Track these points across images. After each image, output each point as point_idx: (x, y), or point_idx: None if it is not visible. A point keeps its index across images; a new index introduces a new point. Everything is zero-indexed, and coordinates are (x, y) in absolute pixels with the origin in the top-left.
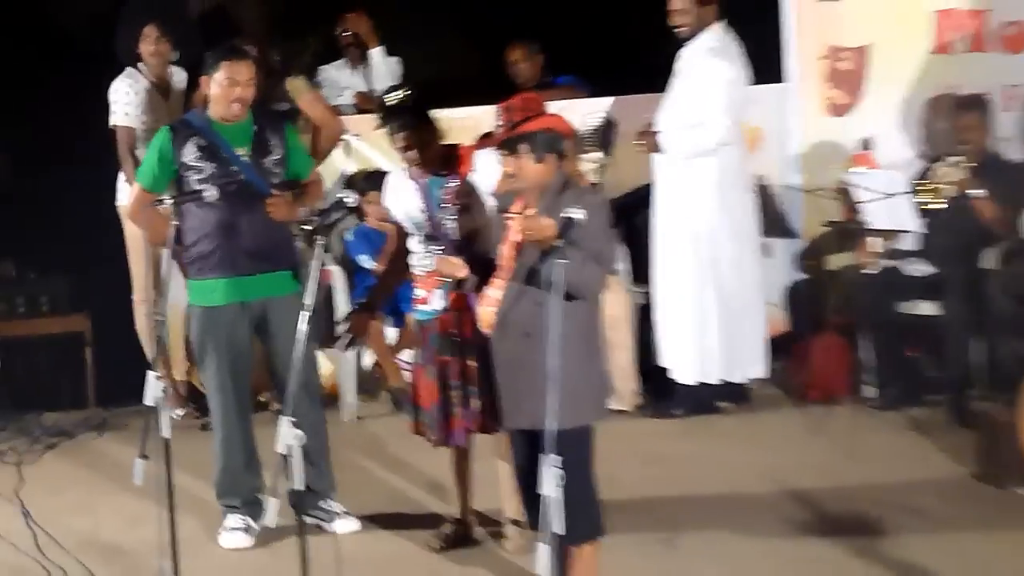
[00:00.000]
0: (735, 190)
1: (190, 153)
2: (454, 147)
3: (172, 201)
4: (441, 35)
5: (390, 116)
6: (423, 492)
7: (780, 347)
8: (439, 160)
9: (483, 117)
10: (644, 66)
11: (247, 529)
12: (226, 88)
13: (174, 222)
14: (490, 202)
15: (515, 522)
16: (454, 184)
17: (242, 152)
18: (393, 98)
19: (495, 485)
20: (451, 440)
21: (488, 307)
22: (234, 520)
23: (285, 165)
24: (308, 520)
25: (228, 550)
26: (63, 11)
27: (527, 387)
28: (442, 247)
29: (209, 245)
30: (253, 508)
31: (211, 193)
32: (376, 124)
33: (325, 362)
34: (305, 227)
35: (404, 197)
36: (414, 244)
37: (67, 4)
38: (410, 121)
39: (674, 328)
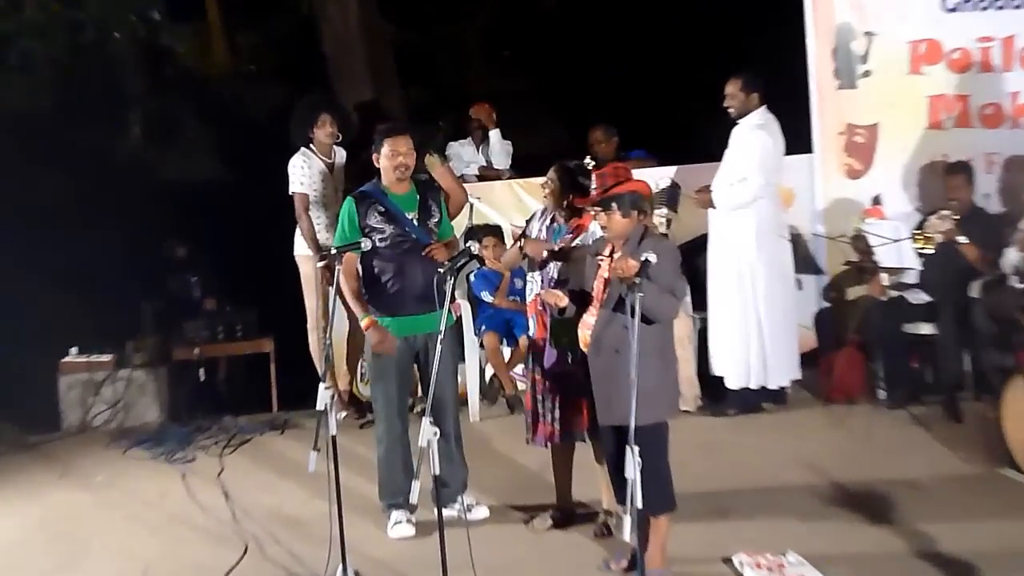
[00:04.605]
0: (770, 236)
1: (373, 218)
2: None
3: (335, 251)
4: (538, 122)
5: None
6: (533, 484)
7: (810, 359)
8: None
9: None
10: (704, 140)
11: (409, 521)
12: (391, 158)
13: (338, 266)
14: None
15: (608, 512)
16: (568, 236)
17: (412, 215)
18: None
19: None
20: (535, 441)
21: (585, 330)
22: (398, 515)
23: (439, 226)
24: (448, 513)
25: (396, 539)
26: (249, 106)
27: (616, 392)
28: (543, 280)
29: (386, 290)
30: (411, 505)
31: (366, 245)
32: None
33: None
34: (440, 270)
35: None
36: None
37: (251, 101)
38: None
39: (725, 345)
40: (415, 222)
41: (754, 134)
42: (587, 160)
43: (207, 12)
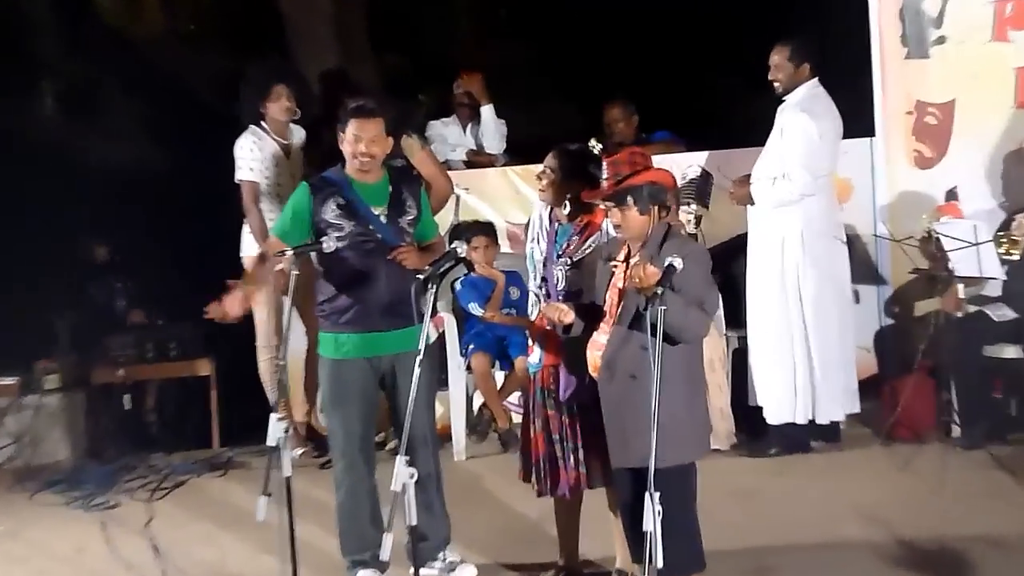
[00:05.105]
0: (820, 238)
1: (330, 210)
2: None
3: (292, 252)
4: (540, 97)
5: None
6: (531, 536)
7: (869, 388)
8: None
9: None
10: (743, 120)
11: None
12: (352, 144)
13: (294, 272)
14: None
15: (622, 572)
16: (575, 238)
17: (379, 211)
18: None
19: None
20: (555, 491)
21: (595, 352)
22: (365, 574)
23: (416, 226)
24: (427, 572)
25: None
26: (187, 75)
27: (633, 427)
28: (547, 292)
29: (345, 301)
30: (381, 562)
31: (329, 245)
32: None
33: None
34: (418, 276)
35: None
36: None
37: (190, 69)
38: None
39: (766, 370)
40: (382, 219)
41: (797, 118)
42: (592, 143)
43: None
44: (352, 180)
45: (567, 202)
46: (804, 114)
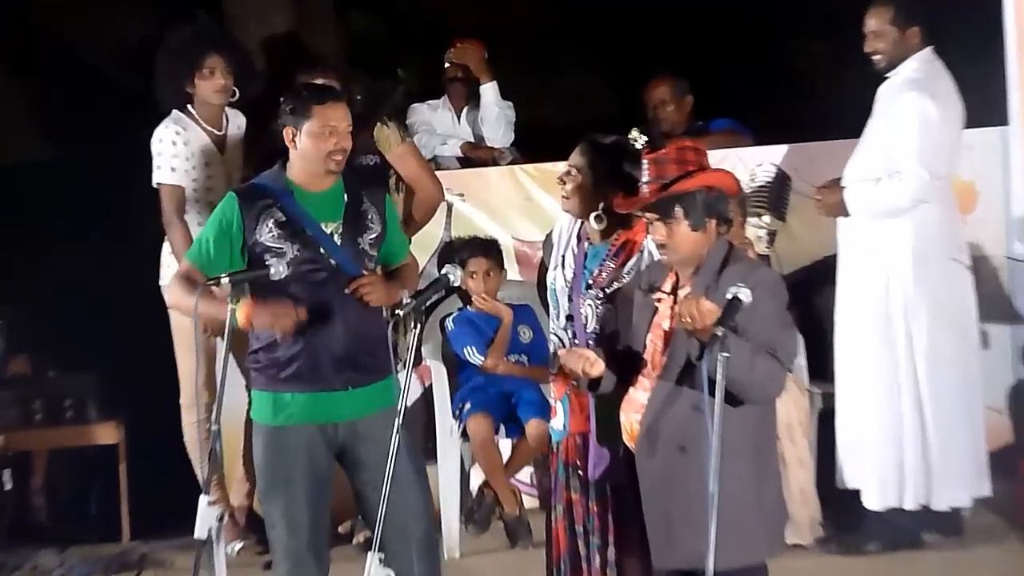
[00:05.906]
0: (937, 261)
1: (266, 230)
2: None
3: (229, 280)
4: (560, 72)
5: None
6: None
7: (1002, 463)
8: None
9: None
10: (831, 104)
11: None
12: (323, 139)
13: (231, 306)
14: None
15: None
16: (609, 262)
17: (331, 228)
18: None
19: None
20: None
21: (632, 414)
22: None
23: (380, 245)
24: None
25: None
26: (88, 43)
27: (682, 516)
28: (573, 335)
29: (287, 349)
30: None
31: (278, 270)
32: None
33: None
34: (396, 311)
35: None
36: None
37: (92, 34)
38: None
39: (863, 439)
40: (336, 239)
41: (907, 99)
42: (633, 134)
43: None
44: (295, 187)
45: (599, 214)
46: (917, 92)
